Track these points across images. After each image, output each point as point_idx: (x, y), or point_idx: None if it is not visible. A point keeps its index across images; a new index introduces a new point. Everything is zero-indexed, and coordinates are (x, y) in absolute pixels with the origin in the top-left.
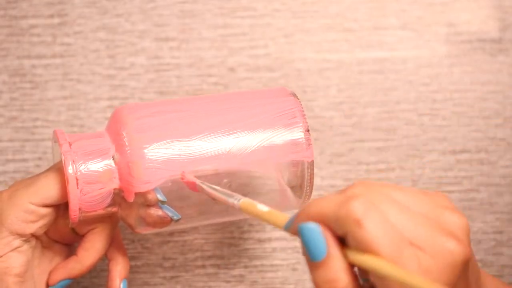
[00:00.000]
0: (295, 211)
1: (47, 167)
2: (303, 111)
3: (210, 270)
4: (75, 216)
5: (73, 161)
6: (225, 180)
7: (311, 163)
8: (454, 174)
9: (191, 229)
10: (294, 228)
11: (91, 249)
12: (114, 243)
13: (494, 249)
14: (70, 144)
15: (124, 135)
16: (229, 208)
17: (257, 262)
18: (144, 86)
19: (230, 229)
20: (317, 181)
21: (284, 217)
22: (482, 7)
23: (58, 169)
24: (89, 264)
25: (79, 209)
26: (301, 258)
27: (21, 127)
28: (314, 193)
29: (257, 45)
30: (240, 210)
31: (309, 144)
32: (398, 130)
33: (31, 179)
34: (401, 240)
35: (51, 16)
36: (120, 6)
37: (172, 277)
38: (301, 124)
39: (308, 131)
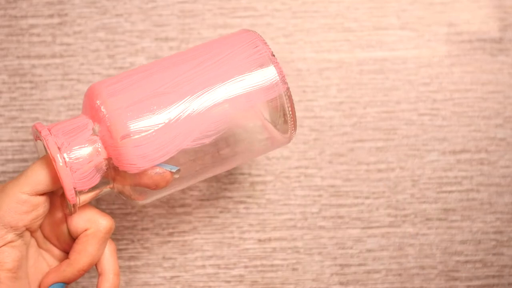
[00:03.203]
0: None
1: None
2: (263, 40)
3: (210, 270)
4: (73, 196)
5: (56, 143)
6: (210, 132)
7: (285, 83)
8: (454, 174)
9: (191, 229)
10: None
11: (83, 252)
12: (107, 258)
13: (494, 249)
14: (49, 130)
15: (99, 103)
16: (222, 155)
17: (257, 262)
18: None
19: (230, 229)
20: (317, 181)
21: None
22: (482, 7)
23: (45, 157)
24: (80, 268)
25: (74, 188)
26: (301, 258)
27: (21, 127)
28: (314, 193)
29: None
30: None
31: (279, 68)
32: (398, 130)
33: (21, 172)
34: None
35: (51, 16)
36: (120, 6)
37: (172, 277)
38: (265, 51)
39: (273, 55)
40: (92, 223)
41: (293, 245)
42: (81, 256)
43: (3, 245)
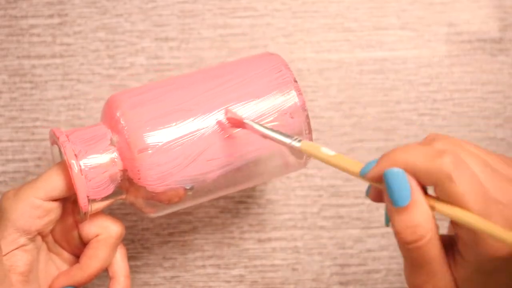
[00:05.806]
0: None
1: (47, 167)
2: (287, 64)
3: (210, 270)
4: (85, 204)
5: (73, 150)
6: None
7: (305, 110)
8: None
9: (191, 229)
10: (373, 174)
11: (94, 257)
12: (118, 262)
13: None
14: (67, 136)
15: (119, 115)
16: (237, 177)
17: (257, 262)
18: None
19: (230, 229)
20: (317, 181)
21: (355, 163)
22: (482, 7)
23: (61, 163)
24: (91, 272)
25: (87, 197)
26: (301, 258)
27: (21, 127)
28: (314, 193)
29: (257, 45)
30: (301, 152)
31: (300, 94)
32: (398, 130)
33: (36, 177)
34: (487, 196)
35: (51, 16)
36: (120, 6)
37: (172, 277)
38: (288, 76)
39: (295, 81)
40: (103, 229)
41: (293, 245)
42: (92, 261)
43: (15, 249)
